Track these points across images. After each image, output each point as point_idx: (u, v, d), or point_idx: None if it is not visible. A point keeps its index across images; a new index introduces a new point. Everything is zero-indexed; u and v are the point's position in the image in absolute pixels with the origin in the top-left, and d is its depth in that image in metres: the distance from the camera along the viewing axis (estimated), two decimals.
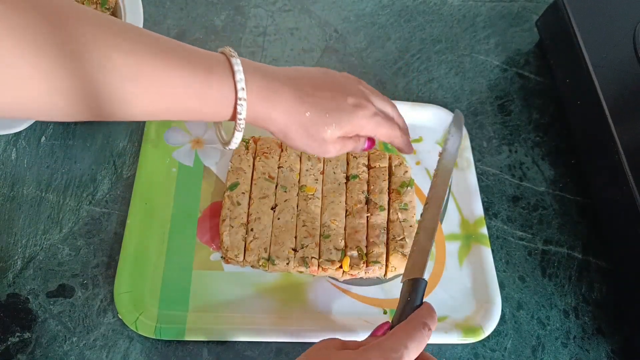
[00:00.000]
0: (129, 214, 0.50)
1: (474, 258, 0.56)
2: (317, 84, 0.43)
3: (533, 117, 0.71)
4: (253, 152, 0.56)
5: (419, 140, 0.64)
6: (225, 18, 0.69)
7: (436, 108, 0.65)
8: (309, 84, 0.43)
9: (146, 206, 0.51)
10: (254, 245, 0.50)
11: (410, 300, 0.41)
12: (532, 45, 0.78)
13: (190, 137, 0.58)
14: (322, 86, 0.43)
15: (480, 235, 0.58)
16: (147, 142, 0.55)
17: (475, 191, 0.61)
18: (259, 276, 0.51)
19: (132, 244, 0.49)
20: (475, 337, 0.51)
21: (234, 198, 0.52)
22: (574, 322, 0.56)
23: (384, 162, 0.58)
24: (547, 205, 0.63)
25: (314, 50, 0.69)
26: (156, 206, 0.52)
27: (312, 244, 0.51)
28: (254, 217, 0.51)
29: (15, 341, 0.44)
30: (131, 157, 0.56)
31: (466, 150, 0.63)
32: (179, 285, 0.49)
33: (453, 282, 0.55)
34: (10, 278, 0.47)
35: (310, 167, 0.56)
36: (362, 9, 0.76)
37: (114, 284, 0.47)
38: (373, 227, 0.53)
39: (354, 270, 0.51)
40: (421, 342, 0.37)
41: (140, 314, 0.46)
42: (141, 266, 0.49)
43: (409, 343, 0.36)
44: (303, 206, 0.53)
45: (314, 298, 0.51)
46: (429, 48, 0.74)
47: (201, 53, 0.39)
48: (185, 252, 0.51)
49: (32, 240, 0.49)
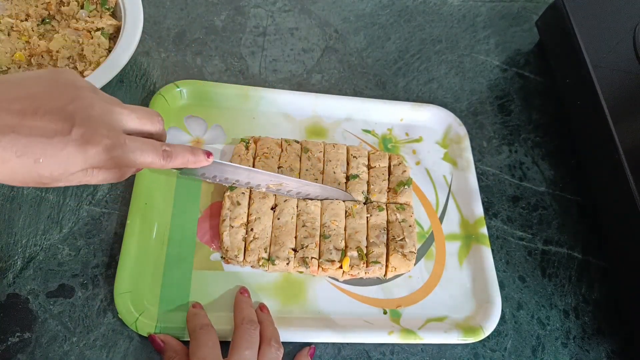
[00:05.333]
0: (129, 215, 0.50)
1: (474, 258, 0.56)
2: (28, 106, 0.31)
3: (533, 117, 0.71)
4: (253, 152, 0.56)
5: (419, 140, 0.64)
6: (225, 18, 0.69)
7: (436, 108, 0.65)
8: (17, 105, 0.30)
9: (146, 206, 0.51)
10: (254, 245, 0.50)
11: None
12: (532, 45, 0.78)
13: (190, 137, 0.58)
14: (36, 108, 0.31)
15: (480, 235, 0.58)
16: None
17: (475, 191, 0.61)
18: (259, 276, 0.51)
19: (132, 245, 0.49)
20: (475, 337, 0.51)
21: (234, 198, 0.52)
22: (574, 322, 0.56)
23: (383, 162, 0.58)
24: (547, 205, 0.63)
25: (314, 50, 0.69)
26: (156, 206, 0.52)
27: (312, 244, 0.51)
28: (254, 218, 0.51)
29: (15, 341, 0.44)
30: None
31: (466, 150, 0.63)
32: (179, 286, 0.49)
33: (453, 282, 0.55)
34: (10, 278, 0.47)
35: (310, 167, 0.56)
36: (362, 9, 0.76)
37: (114, 284, 0.47)
38: (373, 227, 0.53)
39: (354, 270, 0.51)
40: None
41: (140, 314, 0.46)
42: (141, 266, 0.48)
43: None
44: (303, 206, 0.53)
45: (314, 298, 0.51)
46: (429, 48, 0.74)
47: None
48: (186, 252, 0.51)
49: (32, 240, 0.49)
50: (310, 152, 0.57)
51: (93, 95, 0.34)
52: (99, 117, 0.33)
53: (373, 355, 0.50)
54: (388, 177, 0.58)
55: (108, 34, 0.57)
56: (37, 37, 0.55)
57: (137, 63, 0.62)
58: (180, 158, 0.40)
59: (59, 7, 0.58)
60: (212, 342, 0.43)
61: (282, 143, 0.57)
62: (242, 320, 0.44)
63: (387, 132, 0.63)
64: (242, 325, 0.44)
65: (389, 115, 0.64)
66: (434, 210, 0.59)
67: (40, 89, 0.32)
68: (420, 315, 0.52)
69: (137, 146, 0.36)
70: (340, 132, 0.62)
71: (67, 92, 0.33)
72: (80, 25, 0.56)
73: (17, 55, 0.54)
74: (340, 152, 0.58)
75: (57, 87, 0.33)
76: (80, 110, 0.32)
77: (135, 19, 0.56)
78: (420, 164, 0.62)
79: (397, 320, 0.51)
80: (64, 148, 0.31)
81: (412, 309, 0.52)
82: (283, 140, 0.57)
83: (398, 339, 0.49)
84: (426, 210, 0.59)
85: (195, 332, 0.43)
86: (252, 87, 0.61)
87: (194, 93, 0.59)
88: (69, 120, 0.32)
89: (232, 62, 0.65)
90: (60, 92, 0.33)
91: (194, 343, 0.43)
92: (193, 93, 0.59)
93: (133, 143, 0.35)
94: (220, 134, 0.58)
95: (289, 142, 0.57)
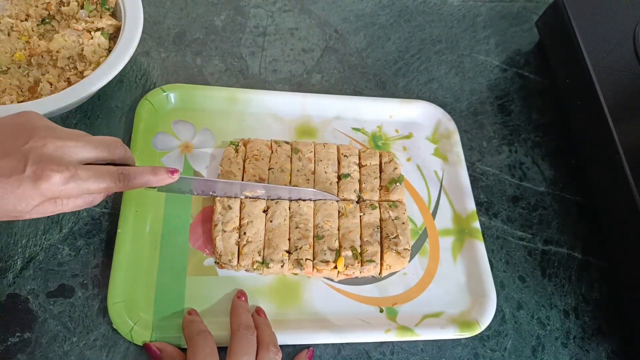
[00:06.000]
0: (119, 223, 0.50)
1: (468, 253, 0.57)
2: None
3: (533, 117, 0.71)
4: (243, 155, 0.55)
5: (409, 136, 0.64)
6: (225, 18, 0.69)
7: (425, 104, 0.65)
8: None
9: (137, 213, 0.51)
10: (247, 249, 0.50)
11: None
12: (532, 45, 0.78)
13: (179, 142, 0.57)
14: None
15: (473, 229, 0.58)
16: (135, 149, 0.54)
17: (467, 185, 0.61)
18: (254, 280, 0.51)
19: (124, 253, 0.48)
20: (472, 331, 0.51)
21: (225, 202, 0.51)
22: (574, 322, 0.56)
23: (374, 160, 0.58)
24: (547, 205, 0.63)
25: (314, 50, 0.69)
26: (147, 213, 0.52)
27: (306, 245, 0.51)
28: (247, 221, 0.51)
29: (15, 341, 0.44)
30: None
31: (456, 145, 0.63)
32: (173, 293, 0.48)
33: (448, 278, 0.55)
34: (10, 278, 0.47)
35: (301, 168, 0.56)
36: (362, 9, 0.76)
37: (107, 294, 0.46)
38: (366, 226, 0.53)
39: (349, 270, 0.51)
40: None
41: (135, 324, 0.45)
42: (134, 275, 0.48)
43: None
44: (295, 208, 0.53)
45: (309, 299, 0.51)
46: (429, 48, 0.74)
47: None
48: (179, 258, 0.50)
49: (32, 240, 0.49)
50: (300, 152, 0.57)
51: (47, 134, 0.37)
52: (51, 154, 0.37)
53: (373, 356, 0.50)
54: (379, 175, 0.58)
55: (108, 34, 0.57)
56: (37, 37, 0.55)
57: (137, 63, 0.62)
58: (140, 179, 0.42)
59: (59, 7, 0.58)
60: (210, 348, 0.42)
61: (272, 144, 0.57)
62: (239, 326, 0.44)
63: (377, 130, 0.63)
64: (239, 331, 0.44)
65: (378, 112, 0.64)
66: (427, 206, 0.59)
67: (1, 134, 0.37)
68: (417, 312, 0.52)
69: (90, 174, 0.38)
70: (330, 131, 0.62)
71: (24, 134, 0.37)
72: (80, 25, 0.56)
73: (17, 55, 0.54)
74: (330, 151, 0.58)
75: (16, 130, 0.37)
76: (34, 149, 0.36)
77: (135, 19, 0.56)
78: (411, 161, 0.62)
79: (393, 318, 0.51)
80: (20, 185, 0.35)
81: (408, 306, 0.52)
82: (273, 142, 0.57)
83: (395, 336, 0.49)
84: (419, 207, 0.59)
85: (192, 339, 0.43)
86: (240, 89, 0.61)
87: (181, 97, 0.59)
88: (23, 159, 0.35)
89: (232, 62, 0.65)
90: (17, 134, 0.37)
91: (191, 351, 0.42)
92: (180, 97, 0.59)
93: (86, 172, 0.38)
94: (209, 138, 0.58)
95: (279, 144, 0.57)
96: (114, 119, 0.57)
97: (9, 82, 0.52)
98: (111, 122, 0.57)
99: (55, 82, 0.53)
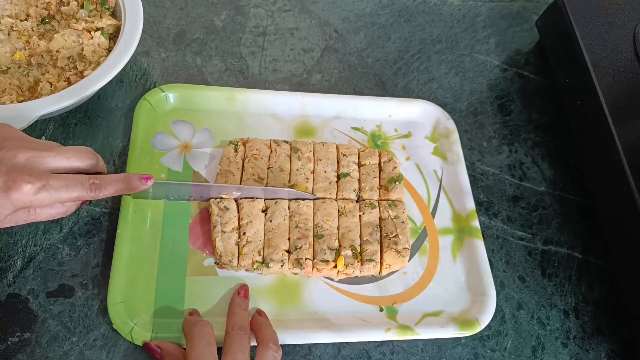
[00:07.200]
0: (118, 224, 0.50)
1: (468, 252, 0.56)
2: None
3: (533, 117, 0.71)
4: (242, 154, 0.55)
5: (408, 135, 0.64)
6: (225, 18, 0.69)
7: (424, 103, 0.65)
8: None
9: (136, 214, 0.51)
10: (247, 249, 0.50)
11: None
12: (532, 45, 0.78)
13: (178, 142, 0.57)
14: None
15: (472, 228, 0.58)
16: (134, 150, 0.54)
17: (466, 184, 0.61)
18: (254, 279, 0.51)
19: (124, 253, 0.48)
20: (471, 330, 0.51)
21: (220, 204, 0.51)
22: (574, 322, 0.56)
23: (374, 159, 0.58)
24: (547, 205, 0.63)
25: (314, 50, 0.69)
26: (146, 214, 0.51)
27: (305, 245, 0.51)
28: (246, 221, 0.51)
29: (15, 341, 0.44)
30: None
31: (455, 143, 0.63)
32: (173, 293, 0.48)
33: (447, 277, 0.55)
34: (10, 278, 0.47)
35: (300, 167, 0.56)
36: (362, 9, 0.76)
37: (107, 295, 0.46)
38: (366, 225, 0.53)
39: (349, 269, 0.51)
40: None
41: (135, 324, 0.45)
42: (134, 275, 0.48)
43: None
44: (295, 207, 0.53)
45: (309, 299, 0.51)
46: (429, 48, 0.74)
47: None
48: (178, 259, 0.50)
49: (32, 240, 0.49)
50: (300, 152, 0.57)
51: (18, 144, 0.38)
52: (22, 164, 0.37)
53: (373, 355, 0.50)
54: (379, 174, 0.58)
55: (108, 34, 0.57)
56: (37, 37, 0.55)
57: (137, 63, 0.62)
58: (112, 187, 0.43)
59: (59, 7, 0.58)
60: (207, 339, 0.42)
61: (271, 144, 0.57)
62: (233, 326, 0.44)
63: (376, 129, 0.63)
64: (232, 331, 0.44)
65: (377, 111, 0.64)
66: (426, 205, 0.59)
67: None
68: (417, 311, 0.52)
69: (62, 184, 0.39)
70: (329, 130, 0.62)
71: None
72: (80, 25, 0.56)
73: (17, 55, 0.54)
74: (330, 151, 0.58)
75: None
76: (5, 160, 0.37)
77: (135, 19, 0.56)
78: (411, 160, 0.62)
79: (393, 317, 0.51)
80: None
81: (408, 305, 0.52)
82: (272, 141, 0.57)
83: (395, 335, 0.49)
84: (418, 206, 0.59)
85: (190, 330, 0.43)
86: (238, 88, 0.61)
87: (180, 97, 0.59)
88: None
89: (232, 62, 0.65)
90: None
91: (189, 343, 0.42)
92: (179, 97, 0.59)
93: (57, 182, 0.38)
94: (208, 137, 0.58)
95: (278, 143, 0.57)
96: (113, 118, 0.57)
97: (9, 82, 0.52)
98: (111, 122, 0.57)
99: (55, 82, 0.53)
